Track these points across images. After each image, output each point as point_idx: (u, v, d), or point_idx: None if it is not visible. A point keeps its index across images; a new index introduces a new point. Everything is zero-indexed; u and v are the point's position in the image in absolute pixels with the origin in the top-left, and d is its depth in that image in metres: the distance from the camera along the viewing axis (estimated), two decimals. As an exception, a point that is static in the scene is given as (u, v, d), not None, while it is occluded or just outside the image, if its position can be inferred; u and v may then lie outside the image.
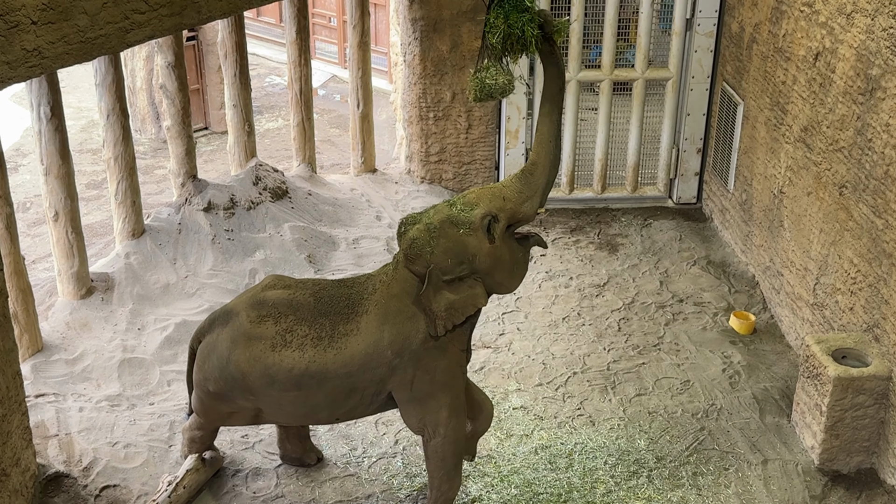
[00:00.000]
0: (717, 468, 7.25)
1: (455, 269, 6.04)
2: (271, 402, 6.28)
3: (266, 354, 6.14)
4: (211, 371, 6.34)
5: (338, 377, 6.10)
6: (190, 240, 9.60)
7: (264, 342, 6.15)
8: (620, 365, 8.46)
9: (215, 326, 6.41)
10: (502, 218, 6.10)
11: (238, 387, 6.26)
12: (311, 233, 10.03)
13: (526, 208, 6.20)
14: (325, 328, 6.15)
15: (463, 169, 11.20)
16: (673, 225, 10.76)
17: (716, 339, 8.81)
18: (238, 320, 6.25)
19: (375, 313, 6.14)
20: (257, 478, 7.08)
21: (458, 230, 6.02)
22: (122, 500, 6.81)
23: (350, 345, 6.10)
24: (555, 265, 10.01)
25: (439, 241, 6.00)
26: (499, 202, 6.11)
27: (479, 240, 6.04)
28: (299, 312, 6.20)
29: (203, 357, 6.41)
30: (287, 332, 6.16)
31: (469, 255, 6.04)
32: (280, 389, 6.17)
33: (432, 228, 6.02)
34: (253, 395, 6.26)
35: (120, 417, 7.61)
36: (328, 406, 6.22)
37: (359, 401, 6.24)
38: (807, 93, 8.30)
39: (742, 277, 9.74)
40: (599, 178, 11.08)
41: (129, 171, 9.18)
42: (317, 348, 6.11)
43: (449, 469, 6.40)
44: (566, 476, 7.13)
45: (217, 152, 13.00)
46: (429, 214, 6.13)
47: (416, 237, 6.04)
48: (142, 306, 8.93)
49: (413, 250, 6.04)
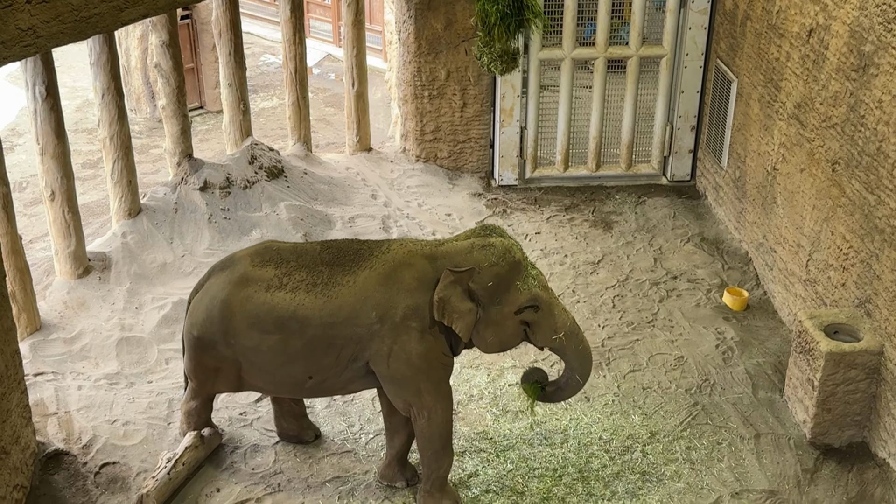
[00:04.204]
0: (711, 443, 7.30)
1: (482, 291, 6.15)
2: (250, 350, 6.30)
3: (258, 294, 6.23)
4: (199, 314, 6.42)
5: (321, 326, 6.15)
6: (186, 219, 9.58)
7: (260, 284, 6.25)
8: (615, 341, 8.49)
9: (214, 273, 6.53)
10: (538, 310, 6.26)
11: (221, 328, 6.30)
12: (307, 212, 10.02)
13: (555, 322, 6.33)
14: (322, 275, 6.22)
15: (458, 147, 11.18)
16: (667, 202, 10.75)
17: (709, 316, 8.84)
18: (240, 265, 6.37)
19: (378, 273, 6.18)
20: (256, 454, 7.11)
21: (516, 278, 6.20)
22: (122, 478, 6.84)
23: (341, 295, 6.15)
24: (549, 243, 10.02)
25: (500, 266, 6.15)
26: (549, 301, 6.29)
27: (515, 299, 6.20)
28: (302, 259, 6.31)
29: (195, 303, 6.51)
30: (285, 275, 6.25)
31: (500, 297, 6.19)
32: (262, 331, 6.21)
33: (506, 254, 6.18)
34: (234, 339, 6.30)
35: (118, 395, 7.62)
36: (304, 358, 6.24)
37: (334, 360, 6.25)
38: (800, 69, 8.28)
39: (735, 254, 9.75)
40: (594, 156, 11.06)
41: (124, 150, 9.15)
42: (309, 293, 6.17)
43: (437, 449, 6.43)
44: (561, 451, 7.17)
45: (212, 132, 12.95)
46: (516, 245, 6.31)
47: (495, 246, 6.17)
48: (139, 285, 8.92)
49: (481, 253, 6.16)
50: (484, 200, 10.81)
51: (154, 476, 6.63)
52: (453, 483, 6.80)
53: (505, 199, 10.84)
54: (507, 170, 11.07)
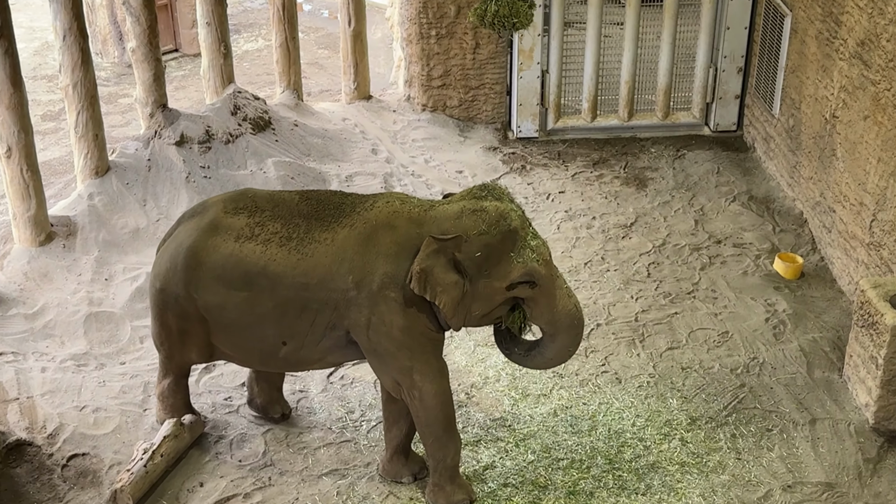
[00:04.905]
0: (759, 429, 7.32)
1: (469, 262, 6.08)
2: (215, 307, 6.34)
3: (226, 244, 6.27)
4: (163, 263, 6.49)
5: (293, 287, 6.18)
6: (161, 178, 9.59)
7: (230, 232, 6.30)
8: (650, 315, 8.49)
9: (184, 220, 6.60)
10: (534, 286, 6.17)
11: (184, 279, 6.35)
12: (298, 169, 10.02)
13: (554, 304, 6.26)
14: (298, 229, 6.25)
15: (470, 94, 11.13)
16: (710, 156, 10.70)
17: (758, 285, 8.83)
18: (212, 210, 6.44)
19: (359, 232, 6.18)
20: (243, 444, 7.16)
21: (510, 249, 6.11)
22: (93, 471, 6.89)
23: (317, 254, 6.17)
24: (575, 203, 10.00)
25: (491, 235, 6.07)
26: (548, 278, 6.20)
27: (507, 272, 6.11)
28: (278, 209, 6.34)
29: (161, 252, 6.57)
30: (258, 225, 6.29)
31: (490, 270, 6.11)
32: (228, 286, 6.26)
33: (500, 221, 6.08)
34: (197, 293, 6.35)
35: (87, 379, 7.67)
36: (276, 321, 6.27)
37: (309, 327, 6.27)
38: (864, 1, 8.19)
39: (788, 214, 9.72)
40: (626, 104, 11.00)
41: (89, 100, 9.13)
42: (282, 248, 6.21)
43: (439, 435, 6.45)
44: (589, 440, 7.20)
45: (189, 78, 12.92)
46: (514, 211, 6.17)
47: (487, 211, 6.09)
48: (109, 254, 8.95)
49: (470, 218, 6.09)
50: (500, 155, 10.78)
51: (129, 469, 6.68)
52: (466, 476, 6.84)
53: (524, 154, 10.81)
54: (526, 120, 11.02)
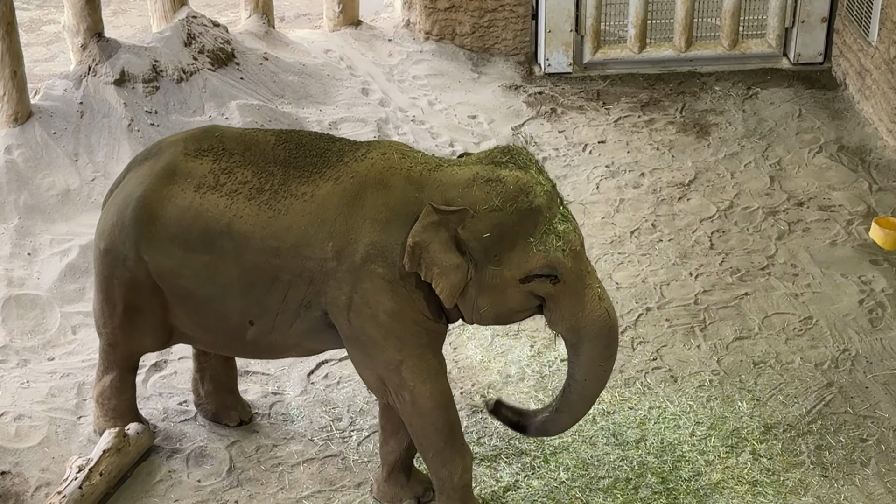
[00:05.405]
0: (851, 439, 7.33)
1: (475, 243, 6.00)
2: (168, 273, 6.37)
3: (184, 194, 6.29)
4: (108, 218, 6.52)
5: (262, 251, 6.18)
6: (97, 126, 9.59)
7: (189, 180, 6.32)
8: (713, 297, 8.49)
9: (135, 164, 6.64)
10: (556, 282, 6.07)
11: (133, 236, 6.37)
12: (269, 114, 10.01)
13: (582, 307, 6.15)
14: (273, 179, 6.24)
15: (485, 19, 11.09)
16: (789, 95, 10.69)
17: (850, 258, 8.83)
18: (168, 152, 6.46)
19: (344, 188, 6.15)
20: (203, 460, 7.18)
21: (530, 232, 5.98)
22: (15, 493, 6.93)
23: (292, 211, 6.16)
24: (619, 156, 9.98)
25: (506, 212, 5.95)
26: (576, 273, 6.08)
27: (522, 261, 5.99)
28: (249, 153, 6.34)
29: (107, 205, 6.61)
30: (224, 171, 6.30)
31: (501, 256, 6.00)
32: (185, 248, 6.28)
33: (519, 196, 5.95)
34: (148, 255, 6.37)
35: (7, 379, 7.71)
36: (241, 294, 6.28)
37: (280, 303, 6.28)
38: None
39: (888, 169, 9.70)
40: (683, 30, 10.97)
41: (6, 27, 9.12)
42: (251, 202, 6.20)
43: (439, 448, 6.42)
44: (637, 453, 7.21)
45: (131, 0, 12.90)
46: (540, 185, 6.03)
47: (504, 182, 5.97)
48: (32, 222, 8.97)
49: (482, 189, 5.98)
50: (524, 96, 10.75)
51: (60, 491, 6.71)
52: (483, 499, 6.87)
53: (554, 94, 10.78)
54: (557, 51, 10.99)
